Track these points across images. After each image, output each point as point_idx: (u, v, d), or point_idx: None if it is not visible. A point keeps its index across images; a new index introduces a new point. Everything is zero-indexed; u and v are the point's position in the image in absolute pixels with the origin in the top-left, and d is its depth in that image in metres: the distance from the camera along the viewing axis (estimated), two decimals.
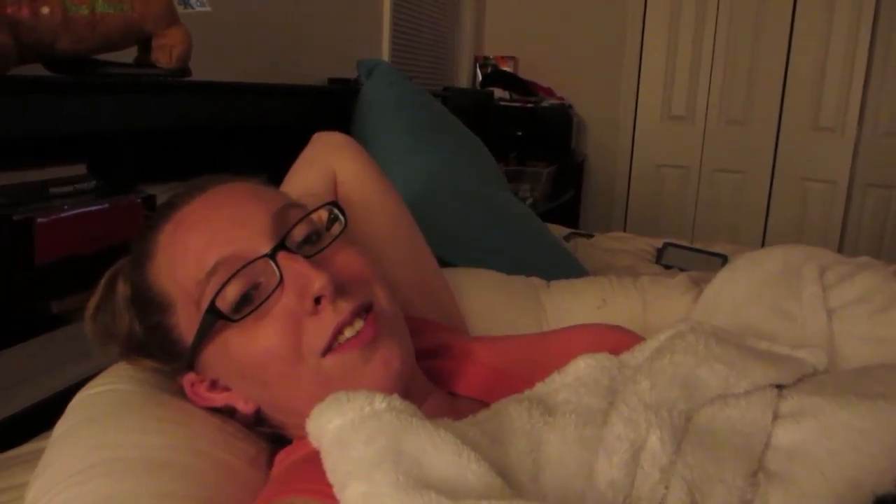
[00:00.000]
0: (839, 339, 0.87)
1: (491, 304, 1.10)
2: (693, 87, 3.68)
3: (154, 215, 0.71)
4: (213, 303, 0.61)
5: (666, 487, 0.51)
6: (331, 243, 0.67)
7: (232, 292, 0.62)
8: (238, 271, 0.61)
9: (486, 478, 0.46)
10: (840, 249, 3.48)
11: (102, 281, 0.74)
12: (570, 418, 0.56)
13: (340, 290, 0.62)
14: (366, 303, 0.64)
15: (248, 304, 0.62)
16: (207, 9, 1.28)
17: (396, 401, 0.51)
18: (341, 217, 0.70)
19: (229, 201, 0.67)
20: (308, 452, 0.55)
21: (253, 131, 1.52)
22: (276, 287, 0.62)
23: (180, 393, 0.71)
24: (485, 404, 0.63)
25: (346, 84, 2.06)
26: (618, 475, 0.51)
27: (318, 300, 0.61)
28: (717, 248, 1.98)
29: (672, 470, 0.51)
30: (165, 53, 1.21)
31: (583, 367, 0.63)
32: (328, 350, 0.62)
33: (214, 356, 0.65)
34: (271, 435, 0.71)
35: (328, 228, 0.70)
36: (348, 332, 0.62)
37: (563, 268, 1.47)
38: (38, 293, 1.00)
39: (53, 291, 1.00)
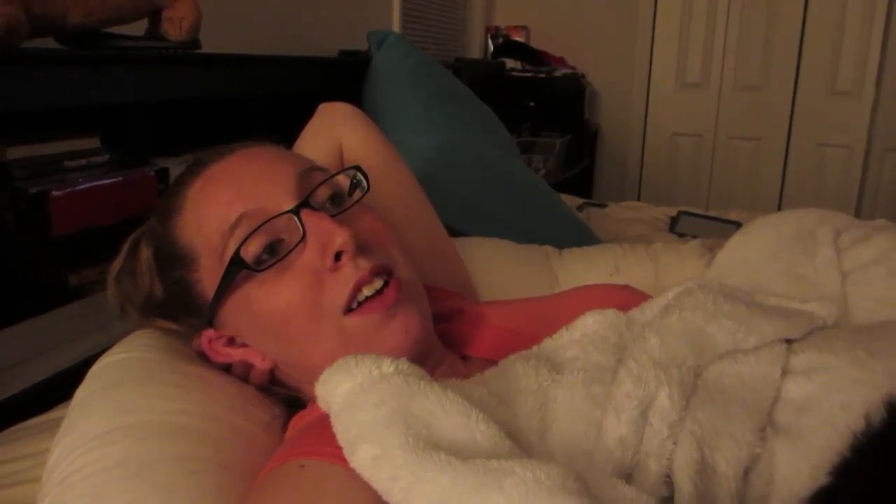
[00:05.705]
0: (853, 301, 0.86)
1: (503, 272, 1.10)
2: (708, 53, 3.62)
3: (183, 172, 0.73)
4: (237, 253, 0.63)
5: (675, 443, 0.51)
6: (353, 205, 0.69)
7: (255, 245, 0.63)
8: (262, 224, 0.63)
9: (494, 438, 0.46)
10: (857, 216, 3.41)
11: (126, 244, 0.76)
12: (577, 376, 0.56)
13: (361, 248, 0.64)
14: (385, 264, 0.65)
15: (271, 257, 0.63)
16: None
17: (405, 364, 0.52)
18: (364, 182, 0.71)
19: (257, 160, 0.69)
20: (320, 415, 0.56)
21: (264, 103, 1.52)
22: (299, 242, 0.63)
23: (197, 360, 0.72)
24: (494, 363, 0.63)
25: (356, 55, 2.05)
26: (627, 432, 0.51)
27: (338, 256, 0.62)
28: (733, 216, 1.97)
29: (681, 426, 0.51)
30: (175, 26, 1.21)
31: (591, 323, 0.64)
32: (349, 309, 0.63)
33: (235, 311, 0.67)
34: (286, 399, 0.72)
35: (349, 194, 0.71)
36: (367, 291, 0.63)
37: (576, 237, 1.47)
38: (54, 266, 1.01)
39: (69, 264, 1.02)
